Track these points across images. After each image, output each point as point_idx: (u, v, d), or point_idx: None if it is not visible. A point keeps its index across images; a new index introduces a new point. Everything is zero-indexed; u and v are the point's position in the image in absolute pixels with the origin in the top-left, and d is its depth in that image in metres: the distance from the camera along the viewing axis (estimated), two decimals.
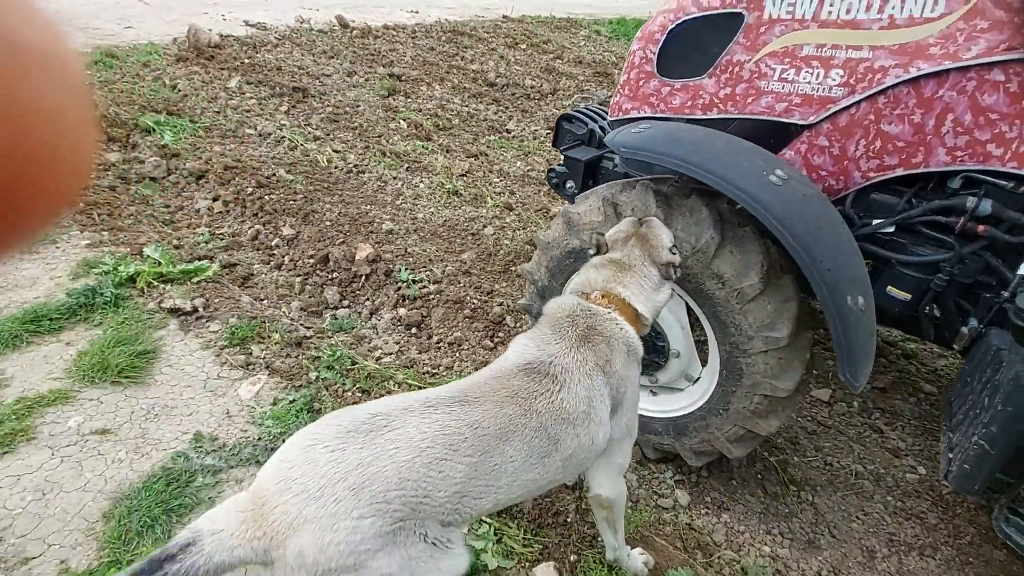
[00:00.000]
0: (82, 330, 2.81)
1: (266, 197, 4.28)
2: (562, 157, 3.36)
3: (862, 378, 1.90)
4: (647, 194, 2.23)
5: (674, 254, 1.84)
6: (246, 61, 6.66)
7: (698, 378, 2.38)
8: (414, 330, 3.30)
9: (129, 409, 2.43)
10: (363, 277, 3.63)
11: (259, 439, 2.34)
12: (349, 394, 2.72)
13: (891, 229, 2.20)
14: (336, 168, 4.89)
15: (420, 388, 2.77)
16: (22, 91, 0.29)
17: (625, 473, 2.44)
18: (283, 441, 2.27)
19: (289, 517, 1.18)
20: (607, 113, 3.42)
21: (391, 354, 3.09)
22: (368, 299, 3.51)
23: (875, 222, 2.21)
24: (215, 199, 4.26)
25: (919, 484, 2.64)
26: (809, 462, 2.67)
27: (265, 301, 3.36)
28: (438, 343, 3.20)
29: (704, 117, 2.52)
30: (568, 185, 3.27)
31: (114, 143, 4.70)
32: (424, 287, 3.54)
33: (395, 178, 4.87)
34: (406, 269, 3.63)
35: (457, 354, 3.13)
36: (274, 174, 4.56)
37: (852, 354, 1.86)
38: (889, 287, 2.21)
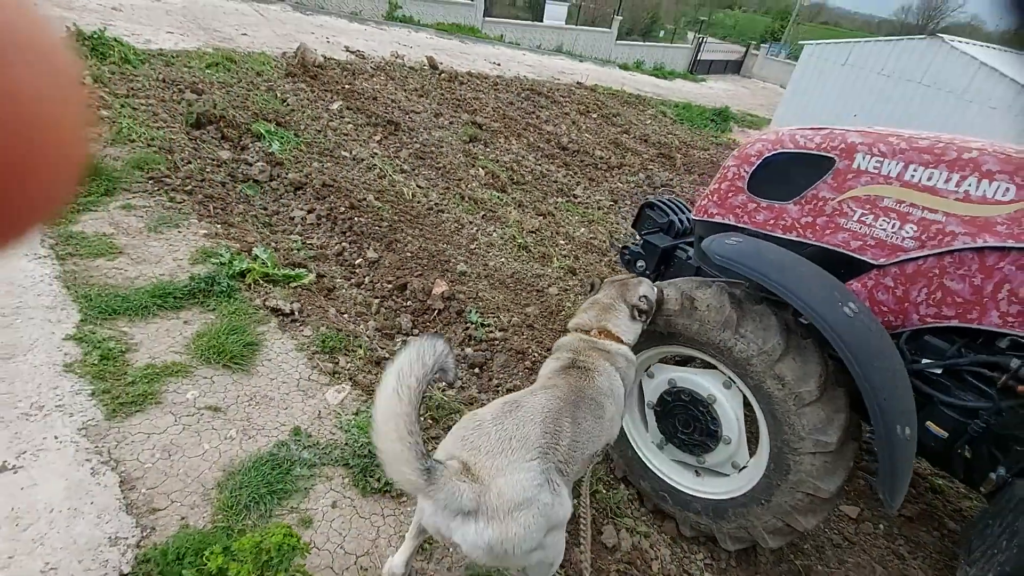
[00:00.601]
0: (198, 312, 3.15)
1: (356, 219, 4.66)
2: (638, 238, 3.71)
3: (899, 499, 2.15)
4: (722, 294, 2.51)
5: (641, 302, 2.40)
6: (346, 86, 7.21)
7: (744, 467, 2.61)
8: (476, 370, 3.58)
9: (236, 392, 2.73)
10: (436, 311, 3.95)
11: (346, 444, 2.62)
12: (422, 419, 2.98)
13: (939, 371, 2.46)
14: (419, 203, 5.29)
15: None
16: (3, 78, 0.28)
17: (659, 548, 2.68)
18: (368, 450, 2.59)
19: (487, 469, 1.64)
20: (686, 207, 3.79)
21: (453, 388, 3.36)
22: (437, 332, 3.81)
23: (924, 361, 2.47)
24: (310, 211, 4.65)
25: None
26: (832, 572, 2.81)
27: (346, 316, 3.68)
28: (497, 386, 3.47)
29: (783, 236, 2.83)
30: (639, 264, 3.61)
31: (226, 142, 5.17)
32: (491, 332, 3.83)
33: (471, 223, 5.25)
34: (476, 312, 3.94)
35: None
36: (364, 198, 4.96)
37: (894, 478, 2.11)
38: (929, 422, 2.45)
